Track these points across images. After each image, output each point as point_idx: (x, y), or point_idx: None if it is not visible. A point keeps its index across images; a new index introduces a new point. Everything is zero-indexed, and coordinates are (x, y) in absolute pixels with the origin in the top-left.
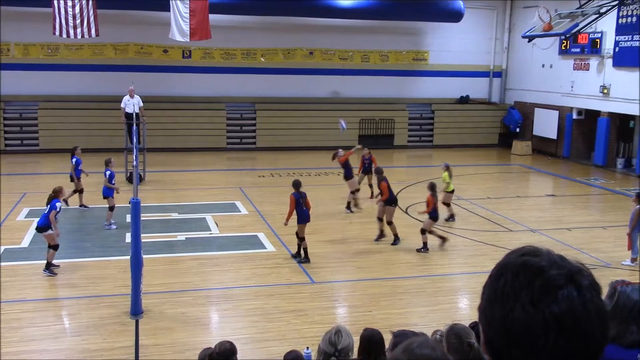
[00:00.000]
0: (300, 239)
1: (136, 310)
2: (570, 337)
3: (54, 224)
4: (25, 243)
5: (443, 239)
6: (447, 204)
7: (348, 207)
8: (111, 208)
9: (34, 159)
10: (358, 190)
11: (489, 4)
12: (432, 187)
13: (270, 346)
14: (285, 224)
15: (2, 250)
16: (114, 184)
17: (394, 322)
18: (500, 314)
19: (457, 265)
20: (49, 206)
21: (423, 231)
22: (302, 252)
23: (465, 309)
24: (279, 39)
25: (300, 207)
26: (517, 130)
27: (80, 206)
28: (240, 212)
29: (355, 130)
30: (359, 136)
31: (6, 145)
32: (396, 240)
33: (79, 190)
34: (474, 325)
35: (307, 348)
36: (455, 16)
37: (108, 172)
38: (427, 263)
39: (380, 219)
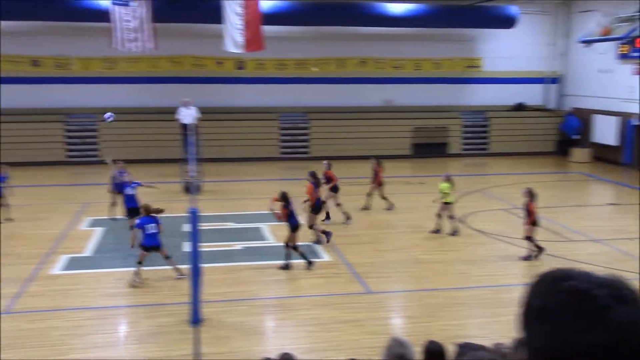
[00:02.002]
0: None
1: (195, 319)
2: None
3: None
4: (88, 252)
5: (539, 249)
6: (439, 215)
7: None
8: None
9: (94, 170)
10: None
11: (544, 9)
12: (531, 193)
13: (327, 356)
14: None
15: (66, 259)
16: None
17: (452, 334)
18: (544, 343)
19: (515, 276)
20: (156, 223)
21: (528, 238)
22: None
23: None
24: (331, 49)
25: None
26: (576, 137)
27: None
28: None
29: (407, 139)
30: (412, 144)
31: (68, 156)
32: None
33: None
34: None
35: None
36: (509, 22)
37: None
38: (485, 274)
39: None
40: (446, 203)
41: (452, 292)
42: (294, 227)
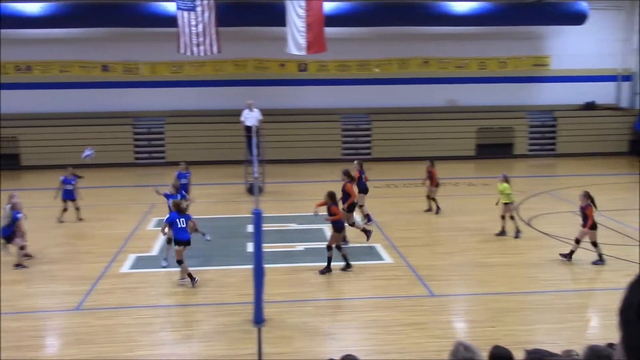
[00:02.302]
0: (329, 247)
1: (258, 319)
2: None
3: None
4: (154, 251)
5: (600, 258)
6: (503, 217)
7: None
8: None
9: (160, 171)
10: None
11: (615, 4)
12: (589, 196)
13: (391, 359)
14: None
15: (134, 258)
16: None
17: (519, 339)
18: None
19: (585, 281)
20: (185, 219)
21: (595, 244)
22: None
23: (597, 327)
24: (393, 49)
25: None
26: None
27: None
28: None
29: (472, 139)
30: (477, 145)
31: (136, 158)
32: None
33: (75, 207)
34: (610, 345)
35: None
36: (578, 18)
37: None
38: (553, 278)
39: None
40: (506, 203)
41: (518, 296)
42: (341, 227)
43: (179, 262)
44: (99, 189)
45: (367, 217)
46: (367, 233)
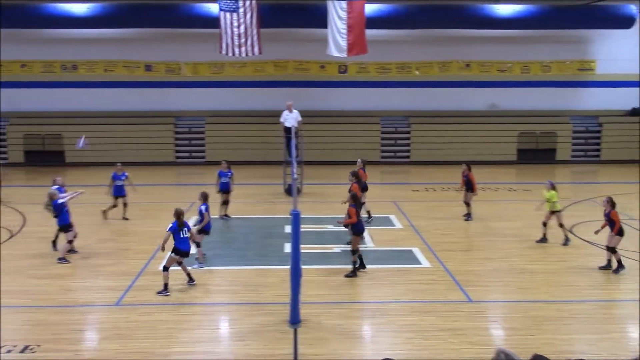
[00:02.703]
0: (353, 251)
1: (295, 319)
2: None
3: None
4: (193, 249)
5: (620, 264)
6: (544, 224)
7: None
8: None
9: (200, 170)
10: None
11: None
12: (612, 202)
13: None
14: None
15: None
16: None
17: (558, 349)
18: None
19: (629, 291)
20: (186, 228)
21: (609, 249)
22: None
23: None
24: (434, 52)
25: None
26: None
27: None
28: (394, 226)
29: (513, 144)
30: (518, 150)
31: (176, 157)
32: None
33: (124, 204)
34: None
35: None
36: (626, 22)
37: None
38: (595, 287)
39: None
40: (553, 212)
41: (558, 305)
42: (360, 231)
43: (165, 269)
44: (140, 187)
45: (369, 215)
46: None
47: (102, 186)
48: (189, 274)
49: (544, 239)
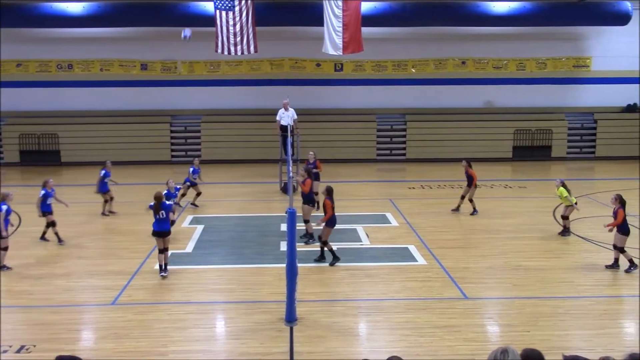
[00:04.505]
0: (324, 242)
1: (291, 318)
2: None
3: (173, 217)
4: (189, 248)
5: (632, 263)
6: (564, 217)
7: None
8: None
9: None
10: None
11: None
12: (621, 199)
13: None
14: (319, 225)
15: (168, 255)
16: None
17: (554, 345)
18: None
19: (625, 287)
20: (164, 210)
21: (615, 247)
22: (324, 253)
23: (635, 334)
24: (429, 49)
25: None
26: None
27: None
28: (390, 223)
29: (509, 141)
30: (514, 147)
31: (172, 156)
32: (309, 237)
33: (110, 198)
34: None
35: None
36: (621, 19)
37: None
38: (590, 283)
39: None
40: (568, 206)
41: (554, 301)
42: (334, 223)
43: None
44: (136, 186)
45: (317, 206)
46: (309, 236)
47: (115, 184)
48: (163, 265)
49: (566, 231)
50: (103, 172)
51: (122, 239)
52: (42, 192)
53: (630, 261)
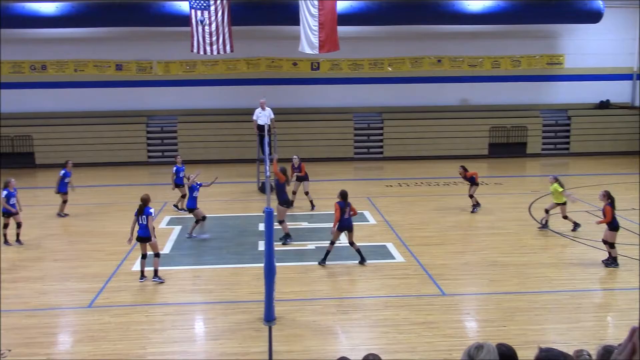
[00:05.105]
0: (351, 243)
1: (269, 317)
2: None
3: (152, 231)
4: (167, 249)
5: (614, 260)
6: (565, 217)
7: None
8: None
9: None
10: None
11: (631, 2)
12: (609, 196)
13: (401, 358)
14: (332, 232)
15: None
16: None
17: (530, 339)
18: None
19: (599, 281)
20: (144, 215)
21: (605, 242)
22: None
23: (609, 327)
24: (406, 48)
25: (343, 216)
26: None
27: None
28: (368, 222)
29: (485, 138)
30: (489, 144)
31: (149, 157)
32: (286, 237)
33: (64, 201)
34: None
35: None
36: (593, 17)
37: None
38: (565, 278)
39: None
40: (558, 204)
41: (530, 296)
42: (286, 201)
43: (158, 255)
44: (113, 187)
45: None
46: (287, 236)
47: (76, 187)
48: (142, 271)
49: (545, 225)
50: (63, 172)
51: (99, 241)
52: (4, 192)
53: (614, 258)
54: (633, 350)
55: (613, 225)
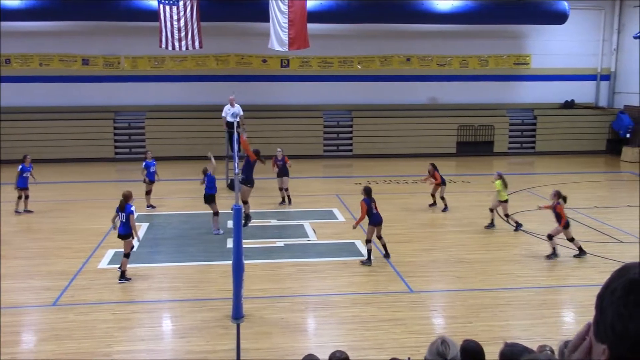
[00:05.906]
0: (368, 241)
1: (237, 315)
2: None
3: (134, 229)
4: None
5: (581, 251)
6: (507, 215)
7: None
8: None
9: (140, 166)
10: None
11: (596, 4)
12: (559, 195)
13: (368, 355)
14: (354, 227)
15: (112, 253)
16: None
17: (495, 335)
18: (636, 328)
19: (562, 278)
20: (125, 212)
21: (550, 237)
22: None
23: (572, 323)
24: (375, 46)
25: (372, 211)
26: (627, 135)
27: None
28: (337, 219)
29: (453, 137)
30: (457, 143)
31: (116, 153)
32: (246, 219)
33: (26, 196)
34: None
35: (408, 358)
36: (559, 18)
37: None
38: (530, 274)
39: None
40: (501, 201)
41: (495, 293)
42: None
43: (128, 255)
44: (79, 184)
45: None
46: (245, 217)
47: (39, 184)
48: (120, 270)
49: (491, 225)
50: (21, 167)
51: (64, 238)
52: (20, 166)
53: (554, 249)
54: (589, 349)
55: (566, 223)
